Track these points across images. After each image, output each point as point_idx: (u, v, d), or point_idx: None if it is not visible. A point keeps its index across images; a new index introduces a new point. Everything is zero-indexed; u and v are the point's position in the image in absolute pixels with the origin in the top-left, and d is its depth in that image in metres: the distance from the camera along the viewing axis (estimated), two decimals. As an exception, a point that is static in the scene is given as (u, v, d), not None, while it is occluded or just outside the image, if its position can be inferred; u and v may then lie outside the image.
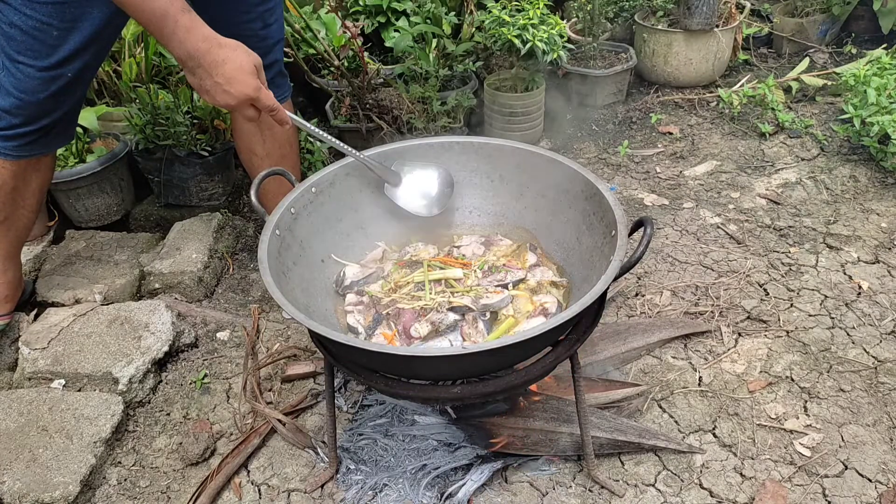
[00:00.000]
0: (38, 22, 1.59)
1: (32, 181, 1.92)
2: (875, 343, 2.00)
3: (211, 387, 2.00)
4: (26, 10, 1.57)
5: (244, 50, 1.44)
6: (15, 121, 1.75)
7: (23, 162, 1.84)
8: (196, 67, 1.42)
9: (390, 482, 1.65)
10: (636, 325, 2.05)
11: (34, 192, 1.95)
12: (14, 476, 1.66)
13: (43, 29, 1.60)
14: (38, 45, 1.63)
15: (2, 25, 1.61)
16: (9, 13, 1.58)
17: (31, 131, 1.79)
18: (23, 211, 1.95)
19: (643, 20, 3.43)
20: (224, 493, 1.70)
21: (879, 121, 2.61)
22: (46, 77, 1.68)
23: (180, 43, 1.40)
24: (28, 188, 1.92)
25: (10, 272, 2.05)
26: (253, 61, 1.44)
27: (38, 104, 1.73)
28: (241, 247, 2.56)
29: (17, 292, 2.11)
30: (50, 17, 1.58)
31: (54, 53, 1.64)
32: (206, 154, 2.56)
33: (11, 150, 1.81)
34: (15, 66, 1.66)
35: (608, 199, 1.48)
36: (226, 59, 1.41)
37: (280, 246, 1.50)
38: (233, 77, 1.41)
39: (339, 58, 2.81)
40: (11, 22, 1.59)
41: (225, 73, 1.41)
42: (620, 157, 2.96)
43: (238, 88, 1.42)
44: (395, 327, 1.52)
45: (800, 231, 2.47)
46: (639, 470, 1.69)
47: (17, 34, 1.61)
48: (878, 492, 1.61)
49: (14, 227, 1.97)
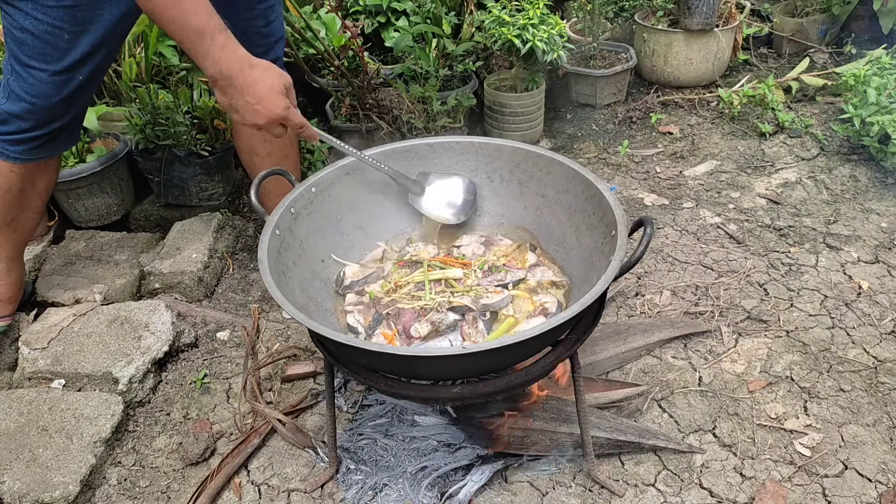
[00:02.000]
0: (49, 26, 1.58)
1: (39, 183, 1.93)
2: (875, 343, 2.00)
3: (211, 387, 2.00)
4: (38, 14, 1.57)
5: (275, 70, 1.44)
6: (25, 125, 1.75)
7: (31, 165, 1.85)
8: (228, 87, 1.42)
9: (390, 482, 1.65)
10: (636, 325, 2.05)
11: (40, 193, 1.96)
12: (14, 476, 1.66)
13: (54, 33, 1.59)
14: (50, 50, 1.62)
15: (13, 31, 1.61)
16: (20, 18, 1.58)
17: (42, 135, 1.79)
18: (29, 212, 1.96)
19: (643, 20, 3.43)
20: (224, 492, 1.70)
21: (879, 120, 2.61)
22: (59, 81, 1.68)
23: (214, 62, 1.40)
24: (35, 190, 1.93)
25: (13, 273, 2.06)
26: (283, 82, 1.45)
27: (50, 108, 1.73)
28: (241, 247, 2.56)
29: (19, 293, 2.12)
30: (61, 20, 1.58)
31: (66, 57, 1.64)
32: (206, 154, 2.56)
33: (21, 154, 1.81)
34: (26, 71, 1.66)
35: (608, 199, 1.48)
36: (257, 78, 1.41)
37: (280, 246, 1.50)
38: (263, 97, 1.41)
39: (339, 58, 2.81)
40: (23, 27, 1.58)
41: (256, 92, 1.41)
42: (620, 157, 2.96)
43: (268, 108, 1.42)
44: (395, 327, 1.52)
45: (800, 231, 2.47)
46: (639, 470, 1.69)
47: (29, 39, 1.60)
48: (878, 492, 1.61)
49: (20, 229, 1.98)
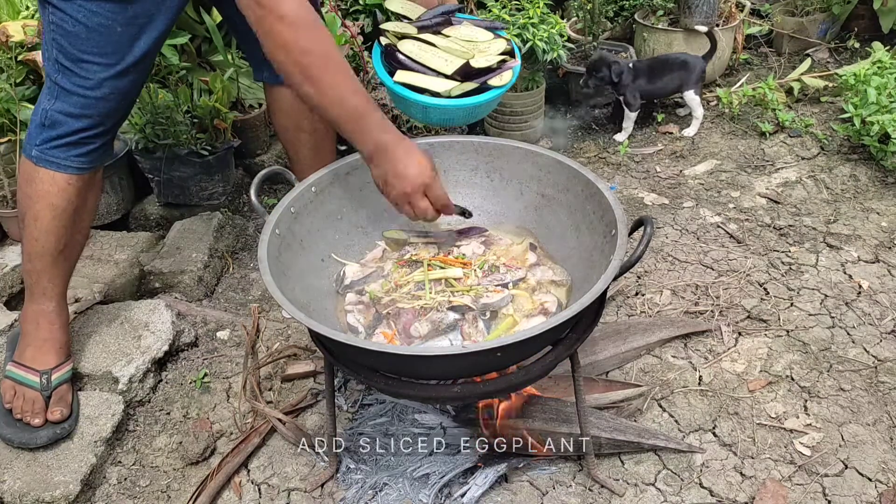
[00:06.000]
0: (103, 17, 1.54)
1: (90, 200, 1.79)
2: (875, 342, 2.00)
3: (211, 386, 2.00)
4: (90, 6, 1.53)
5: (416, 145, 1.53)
6: (78, 124, 1.64)
7: (86, 176, 1.71)
8: (382, 159, 1.48)
9: (390, 481, 1.66)
10: (636, 325, 2.05)
11: (90, 212, 1.82)
12: (14, 475, 1.66)
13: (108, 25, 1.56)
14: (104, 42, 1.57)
15: (63, 25, 1.55)
16: (73, 11, 1.53)
17: (96, 135, 1.67)
18: (79, 237, 1.80)
19: (643, 19, 3.43)
20: (224, 492, 1.71)
21: (879, 120, 2.61)
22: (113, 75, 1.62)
23: (372, 138, 1.47)
24: (86, 208, 1.78)
25: (64, 314, 1.84)
26: (428, 156, 1.52)
27: (106, 101, 1.64)
28: (242, 246, 2.56)
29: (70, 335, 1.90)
30: (114, 12, 1.55)
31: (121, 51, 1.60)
32: (206, 153, 2.56)
33: (75, 161, 1.67)
34: (78, 66, 1.59)
35: (608, 199, 1.48)
36: (408, 148, 1.49)
37: (280, 245, 1.50)
38: (413, 163, 1.48)
39: (339, 57, 2.81)
40: (76, 20, 1.54)
41: (408, 160, 1.48)
42: (620, 157, 2.96)
43: (419, 173, 1.49)
44: (395, 327, 1.52)
45: (800, 230, 2.47)
46: (639, 469, 1.69)
47: (83, 31, 1.55)
48: (878, 491, 1.61)
49: (71, 257, 1.80)
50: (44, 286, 1.77)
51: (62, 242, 1.73)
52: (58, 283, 1.79)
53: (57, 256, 1.74)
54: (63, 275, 1.80)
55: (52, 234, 1.71)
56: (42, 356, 1.78)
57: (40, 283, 1.76)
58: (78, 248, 1.82)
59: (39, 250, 1.72)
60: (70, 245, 1.77)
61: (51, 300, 1.78)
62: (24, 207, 1.71)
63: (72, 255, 1.80)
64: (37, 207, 1.68)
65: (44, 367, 1.77)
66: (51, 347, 1.79)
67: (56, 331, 1.80)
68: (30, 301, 1.79)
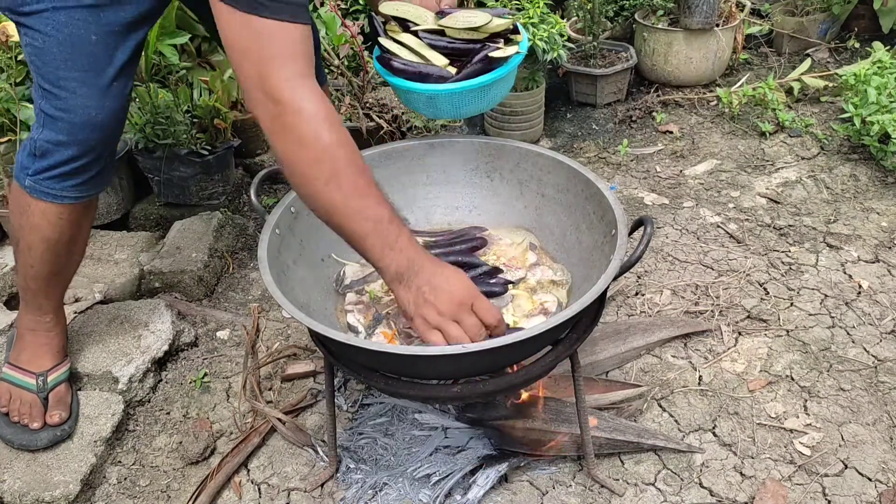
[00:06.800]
0: (74, 28, 1.45)
1: (84, 226, 1.72)
2: (875, 342, 2.00)
3: (211, 386, 2.00)
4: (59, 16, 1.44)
5: None
6: (68, 152, 1.53)
7: (80, 206, 1.62)
8: (415, 276, 1.29)
9: (390, 481, 1.65)
10: (636, 325, 2.04)
11: (85, 237, 1.75)
12: (14, 475, 1.66)
13: (80, 35, 1.45)
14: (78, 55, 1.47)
15: (35, 43, 1.46)
16: (41, 25, 1.44)
17: (88, 163, 1.57)
18: (75, 257, 1.75)
19: (643, 19, 3.43)
20: (224, 491, 1.71)
21: (879, 120, 2.61)
22: (96, 89, 1.51)
23: (401, 251, 1.28)
24: (81, 235, 1.72)
25: (61, 322, 1.83)
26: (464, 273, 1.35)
27: (91, 125, 1.53)
28: (242, 246, 2.56)
29: (66, 339, 1.89)
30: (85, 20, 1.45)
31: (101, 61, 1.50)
32: (206, 153, 2.56)
33: (69, 191, 1.58)
34: (57, 87, 1.49)
35: (608, 199, 1.48)
36: (443, 264, 1.33)
37: (280, 245, 1.50)
38: (452, 277, 1.31)
39: (338, 57, 2.81)
40: (45, 34, 1.44)
41: (449, 274, 1.31)
42: (620, 157, 2.96)
43: (461, 287, 1.31)
44: (395, 326, 1.52)
45: (800, 230, 2.47)
46: (639, 469, 1.69)
47: (54, 46, 1.45)
48: (878, 491, 1.61)
49: (68, 275, 1.77)
50: (39, 302, 1.75)
51: (57, 268, 1.70)
52: (53, 299, 1.77)
53: (51, 279, 1.72)
54: (59, 291, 1.78)
55: (47, 263, 1.67)
56: (38, 359, 1.77)
57: (36, 300, 1.75)
58: (74, 266, 1.77)
59: (34, 274, 1.69)
60: (67, 266, 1.73)
61: (47, 313, 1.77)
62: (16, 234, 1.66)
63: (68, 275, 1.77)
64: (29, 238, 1.64)
65: (40, 369, 1.76)
66: (47, 351, 1.79)
67: (53, 337, 1.80)
68: (25, 310, 1.77)
